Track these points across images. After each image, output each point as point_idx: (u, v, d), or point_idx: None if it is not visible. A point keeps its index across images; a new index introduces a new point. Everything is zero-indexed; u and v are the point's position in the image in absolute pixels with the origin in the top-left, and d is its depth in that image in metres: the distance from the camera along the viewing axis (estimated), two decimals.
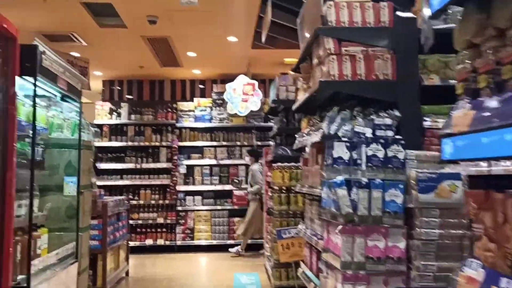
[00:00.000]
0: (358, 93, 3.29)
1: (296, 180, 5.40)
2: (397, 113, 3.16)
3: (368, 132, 2.94)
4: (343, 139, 3.04)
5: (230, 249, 8.55)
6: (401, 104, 3.21)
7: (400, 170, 2.81)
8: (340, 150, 2.95)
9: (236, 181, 8.85)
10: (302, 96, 4.18)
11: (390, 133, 2.97)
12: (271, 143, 7.88)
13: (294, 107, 4.54)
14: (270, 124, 8.75)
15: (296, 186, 4.56)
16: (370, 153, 2.83)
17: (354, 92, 3.30)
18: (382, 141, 2.84)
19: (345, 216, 2.75)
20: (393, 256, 2.74)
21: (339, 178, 2.78)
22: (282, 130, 6.12)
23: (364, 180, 2.78)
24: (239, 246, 8.54)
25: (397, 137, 2.88)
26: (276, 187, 5.62)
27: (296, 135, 4.49)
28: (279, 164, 5.58)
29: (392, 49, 3.28)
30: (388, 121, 2.99)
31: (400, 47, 3.27)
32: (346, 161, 2.94)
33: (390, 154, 2.82)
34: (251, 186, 8.42)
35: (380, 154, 2.82)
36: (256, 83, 8.63)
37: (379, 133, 2.97)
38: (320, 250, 3.40)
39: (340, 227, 2.79)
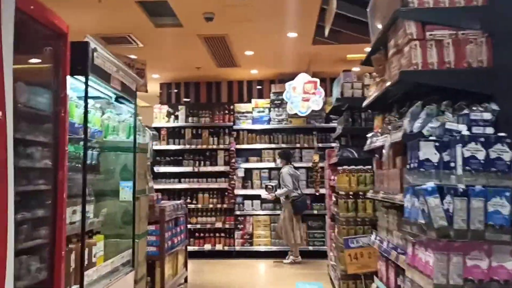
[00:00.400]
0: (447, 84, 2.80)
1: (365, 185, 4.94)
2: (494, 106, 2.65)
3: (464, 129, 2.46)
4: (430, 138, 2.59)
5: (284, 261, 8.16)
6: (499, 96, 2.69)
7: (506, 174, 2.31)
8: (427, 151, 2.50)
9: (270, 187, 8.46)
10: (374, 92, 3.73)
11: (489, 130, 2.48)
12: (334, 144, 7.45)
13: (364, 104, 4.10)
14: (332, 124, 8.30)
15: (368, 192, 4.11)
16: (467, 154, 2.35)
17: (441, 84, 2.82)
18: (482, 139, 2.36)
19: (438, 230, 2.29)
20: (499, 279, 2.25)
21: (430, 185, 2.33)
22: (347, 130, 5.67)
23: (461, 186, 2.31)
24: (292, 255, 8.16)
25: (501, 134, 2.38)
26: (342, 192, 5.18)
27: (367, 136, 4.04)
28: (345, 167, 5.12)
29: (487, 31, 2.77)
30: (487, 115, 2.50)
31: (498, 28, 2.75)
32: (435, 164, 2.48)
33: (493, 155, 2.33)
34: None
35: (481, 156, 2.34)
36: (318, 81, 8.19)
37: (475, 130, 2.48)
38: (401, 266, 2.95)
39: (429, 241, 2.34)
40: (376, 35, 3.62)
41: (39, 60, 3.16)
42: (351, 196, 5.07)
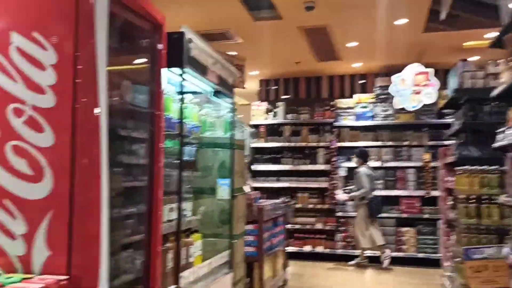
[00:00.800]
0: None
1: (490, 187, 4.29)
2: None
3: None
4: None
5: (382, 266, 7.60)
6: None
7: None
8: None
9: (347, 191, 7.91)
10: (508, 78, 3.15)
11: None
12: (448, 142, 6.74)
13: (494, 93, 3.50)
14: (445, 120, 7.52)
15: (499, 196, 3.51)
16: None
17: None
18: None
19: None
20: None
21: None
22: (468, 125, 4.99)
23: None
24: (383, 260, 7.60)
25: None
26: (461, 196, 4.55)
27: (496, 131, 3.45)
28: (466, 167, 4.50)
29: None
30: None
31: None
32: None
33: None
34: (358, 190, 7.58)
35: None
36: (431, 71, 7.43)
37: None
38: None
39: None
40: (510, 13, 3.04)
41: (137, 54, 3.07)
42: (472, 200, 4.44)
